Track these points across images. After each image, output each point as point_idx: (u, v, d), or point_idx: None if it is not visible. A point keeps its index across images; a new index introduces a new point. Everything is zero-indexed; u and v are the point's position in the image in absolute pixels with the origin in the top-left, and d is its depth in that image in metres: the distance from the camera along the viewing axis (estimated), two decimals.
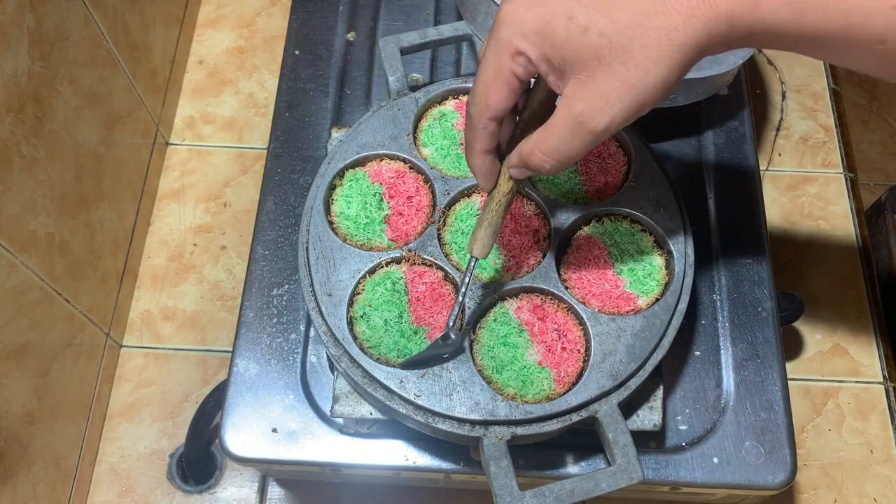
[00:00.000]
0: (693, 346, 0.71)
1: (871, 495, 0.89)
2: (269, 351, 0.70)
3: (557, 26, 0.43)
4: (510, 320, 0.60)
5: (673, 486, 0.68)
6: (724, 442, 0.67)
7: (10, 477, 0.76)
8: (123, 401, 0.95)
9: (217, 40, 1.17)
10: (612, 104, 0.44)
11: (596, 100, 0.44)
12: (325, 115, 0.81)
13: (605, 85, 0.43)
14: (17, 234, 0.74)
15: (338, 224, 0.64)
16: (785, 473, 0.66)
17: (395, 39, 0.71)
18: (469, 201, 0.65)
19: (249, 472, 0.92)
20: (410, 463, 0.67)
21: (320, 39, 0.86)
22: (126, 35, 0.95)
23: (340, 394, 0.63)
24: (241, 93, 1.13)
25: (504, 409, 0.56)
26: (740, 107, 0.82)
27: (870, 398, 0.93)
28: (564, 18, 0.43)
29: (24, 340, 0.76)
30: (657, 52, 0.42)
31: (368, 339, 0.59)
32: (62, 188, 0.82)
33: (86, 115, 0.87)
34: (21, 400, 0.77)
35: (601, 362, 0.58)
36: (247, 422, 0.67)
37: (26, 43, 0.74)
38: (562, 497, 0.54)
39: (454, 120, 0.69)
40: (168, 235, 1.04)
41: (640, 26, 0.42)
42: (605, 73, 0.43)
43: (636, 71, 0.43)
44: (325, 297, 0.60)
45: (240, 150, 1.09)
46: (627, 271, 0.62)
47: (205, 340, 0.98)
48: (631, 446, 0.56)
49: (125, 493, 0.91)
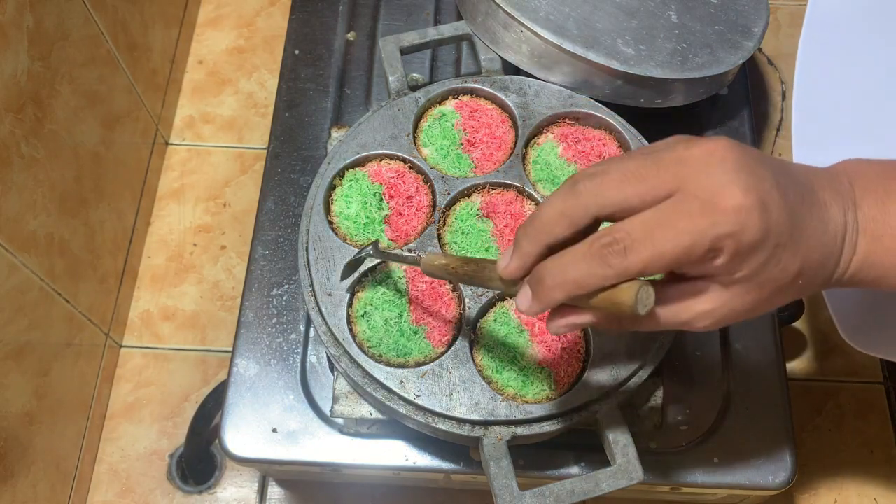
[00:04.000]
0: (693, 346, 0.71)
1: (871, 495, 0.89)
2: (269, 351, 0.70)
3: (766, 248, 0.40)
4: (510, 320, 0.60)
5: (673, 487, 0.68)
6: (724, 442, 0.67)
7: (10, 477, 0.76)
8: (123, 401, 0.95)
9: (217, 40, 1.17)
10: (738, 318, 0.44)
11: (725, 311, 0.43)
12: (325, 115, 0.81)
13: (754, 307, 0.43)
14: (17, 234, 0.74)
15: (338, 224, 0.64)
16: (785, 474, 0.66)
17: (395, 39, 0.71)
18: (469, 201, 0.65)
19: (249, 472, 0.92)
20: (410, 463, 0.67)
21: (320, 39, 0.86)
22: (126, 35, 0.95)
23: (340, 394, 0.63)
24: (241, 93, 1.13)
25: (504, 410, 0.56)
26: (740, 107, 0.82)
27: (870, 398, 0.93)
28: (773, 246, 0.40)
29: (23, 340, 0.76)
30: (791, 299, 0.44)
31: (368, 339, 0.59)
32: (62, 188, 0.82)
33: (85, 114, 0.87)
34: (21, 400, 0.77)
35: (601, 362, 0.58)
36: (247, 422, 0.67)
37: (26, 43, 0.74)
38: (562, 497, 0.54)
39: (454, 120, 0.69)
40: (168, 235, 1.04)
41: (811, 277, 0.43)
42: (761, 302, 0.43)
43: (770, 308, 0.44)
44: (325, 297, 0.60)
45: (240, 150, 1.09)
46: None
47: (205, 340, 0.98)
48: (631, 446, 0.56)
49: (125, 493, 0.91)
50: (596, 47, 0.67)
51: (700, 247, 0.39)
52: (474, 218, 0.64)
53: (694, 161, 0.40)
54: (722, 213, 0.39)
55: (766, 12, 0.76)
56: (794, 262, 0.41)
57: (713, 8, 0.74)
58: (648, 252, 0.39)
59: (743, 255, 0.40)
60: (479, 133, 0.68)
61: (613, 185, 0.41)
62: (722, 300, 0.42)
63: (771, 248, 0.40)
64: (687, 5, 0.73)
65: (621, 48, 0.67)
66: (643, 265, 0.39)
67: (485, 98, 0.70)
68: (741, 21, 0.74)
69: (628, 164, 0.41)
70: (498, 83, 0.69)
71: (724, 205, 0.39)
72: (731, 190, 0.39)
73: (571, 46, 0.66)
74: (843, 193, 0.44)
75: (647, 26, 0.70)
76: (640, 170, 0.40)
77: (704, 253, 0.39)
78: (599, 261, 0.40)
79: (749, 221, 0.39)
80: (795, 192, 0.42)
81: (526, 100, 0.69)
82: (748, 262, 0.40)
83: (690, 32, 0.71)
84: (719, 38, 0.72)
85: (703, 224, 0.39)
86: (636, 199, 0.40)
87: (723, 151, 0.40)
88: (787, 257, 0.41)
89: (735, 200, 0.39)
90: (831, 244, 0.43)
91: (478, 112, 0.69)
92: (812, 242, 0.42)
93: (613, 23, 0.69)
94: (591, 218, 0.41)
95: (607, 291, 0.40)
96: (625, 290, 0.40)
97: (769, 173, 0.40)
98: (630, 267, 0.39)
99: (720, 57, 0.71)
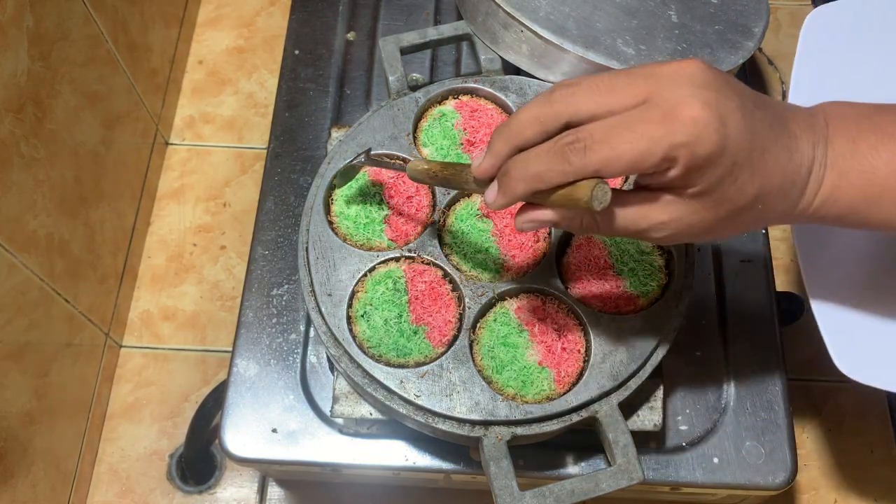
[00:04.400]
0: (693, 346, 0.71)
1: (871, 495, 0.89)
2: (269, 351, 0.70)
3: (721, 164, 0.41)
4: (510, 320, 0.60)
5: (673, 487, 0.68)
6: (724, 442, 0.67)
7: (10, 477, 0.76)
8: (123, 401, 0.95)
9: (217, 40, 1.17)
10: (696, 237, 0.45)
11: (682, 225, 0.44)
12: (325, 115, 0.81)
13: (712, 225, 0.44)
14: (17, 234, 0.74)
15: (338, 224, 0.64)
16: (785, 474, 0.66)
17: (395, 39, 0.71)
18: (469, 201, 0.65)
19: (249, 472, 0.92)
20: (410, 463, 0.67)
21: (320, 39, 0.86)
22: (126, 35, 0.95)
23: (340, 394, 0.63)
24: (241, 93, 1.13)
25: (504, 410, 0.56)
26: None
27: (870, 398, 0.93)
28: (730, 163, 0.41)
29: (23, 340, 0.76)
30: (753, 226, 0.46)
31: (368, 339, 0.59)
32: (62, 188, 0.82)
33: (85, 114, 0.87)
34: (21, 400, 0.77)
35: (601, 362, 0.58)
36: (246, 422, 0.67)
37: (26, 43, 0.74)
38: (562, 497, 0.54)
39: (454, 120, 0.68)
40: (168, 235, 1.04)
41: (771, 204, 0.44)
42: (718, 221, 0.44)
43: (730, 231, 0.45)
44: (325, 297, 0.60)
45: (239, 150, 1.09)
46: (628, 271, 0.62)
47: (204, 340, 0.98)
48: (631, 446, 0.56)
49: (125, 494, 0.91)
50: (596, 47, 0.67)
51: (655, 153, 0.40)
52: (474, 218, 0.64)
53: (664, 76, 0.42)
54: (679, 122, 0.40)
55: (766, 12, 0.76)
56: (751, 183, 0.43)
57: (713, 8, 0.74)
58: (606, 152, 0.41)
59: (697, 168, 0.41)
60: (479, 133, 0.68)
61: (585, 95, 0.43)
62: (678, 213, 0.43)
63: (727, 165, 0.41)
64: (687, 5, 0.73)
65: (621, 48, 0.67)
66: (600, 164, 0.41)
67: (485, 98, 0.70)
68: (741, 21, 0.74)
69: (603, 77, 0.43)
70: (498, 83, 0.69)
71: (682, 115, 0.40)
72: (691, 102, 0.40)
73: (571, 46, 0.66)
74: (817, 129, 0.45)
75: (647, 26, 0.70)
76: (612, 82, 0.43)
77: (660, 160, 0.41)
78: (560, 157, 0.42)
79: (705, 133, 0.40)
80: (763, 118, 0.43)
81: (526, 100, 0.69)
82: (703, 176, 0.41)
83: (690, 32, 0.71)
84: (719, 38, 0.72)
85: (660, 132, 0.40)
86: (604, 109, 0.42)
87: (692, 69, 0.42)
88: (744, 177, 0.42)
89: (693, 112, 0.40)
90: (794, 173, 0.44)
91: (478, 112, 0.69)
92: (773, 168, 0.43)
93: (613, 23, 0.69)
94: (562, 124, 0.43)
95: (566, 188, 0.42)
96: (581, 187, 0.42)
97: (736, 95, 0.42)
98: (588, 165, 0.41)
99: (720, 57, 0.71)
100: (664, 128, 0.40)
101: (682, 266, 0.62)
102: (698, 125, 0.40)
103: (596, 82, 0.43)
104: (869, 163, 0.45)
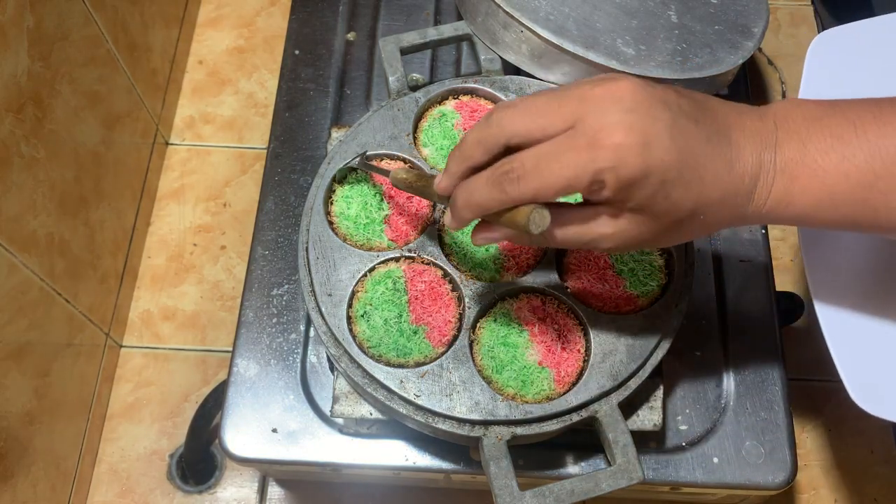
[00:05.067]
0: (693, 346, 0.71)
1: (871, 495, 0.89)
2: (269, 351, 0.70)
3: (649, 184, 0.43)
4: (510, 320, 0.60)
5: (673, 487, 0.68)
6: (724, 442, 0.67)
7: (10, 477, 0.76)
8: (123, 401, 0.95)
9: (217, 40, 1.17)
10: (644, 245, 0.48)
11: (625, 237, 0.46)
12: (325, 115, 0.81)
13: (656, 235, 0.46)
14: (17, 234, 0.74)
15: (338, 224, 0.64)
16: (785, 473, 0.66)
17: (395, 39, 0.71)
18: None
19: (249, 472, 0.92)
20: (410, 463, 0.67)
21: (320, 39, 0.86)
22: (126, 35, 0.95)
23: (340, 394, 0.63)
24: (241, 93, 1.13)
25: (504, 409, 0.56)
26: None
27: None
28: (658, 182, 0.43)
29: (23, 340, 0.76)
30: (701, 233, 0.48)
31: (368, 339, 0.59)
32: (62, 188, 0.82)
33: (85, 114, 0.87)
34: (21, 400, 0.77)
35: (601, 362, 0.58)
36: (247, 422, 0.67)
37: (26, 43, 0.74)
38: (562, 497, 0.54)
39: (454, 120, 0.69)
40: (168, 235, 1.04)
41: (714, 213, 0.46)
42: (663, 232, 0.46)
43: (678, 240, 0.47)
44: (325, 297, 0.60)
45: (240, 150, 1.09)
46: (628, 271, 0.62)
47: (205, 340, 0.98)
48: (631, 446, 0.56)
49: (125, 494, 0.91)
50: (596, 47, 0.67)
51: (581, 180, 0.43)
52: None
53: (594, 99, 0.43)
54: (602, 149, 0.42)
55: (766, 12, 0.76)
56: (686, 197, 0.44)
57: (713, 8, 0.74)
58: (537, 182, 0.43)
59: (625, 189, 0.43)
60: None
61: (519, 118, 0.45)
62: (619, 226, 0.45)
63: (655, 184, 0.43)
64: (687, 5, 0.73)
65: (621, 48, 0.68)
66: (533, 193, 0.44)
67: (485, 98, 0.70)
68: (741, 21, 0.74)
69: (538, 100, 0.45)
70: (498, 83, 0.69)
71: (605, 142, 0.42)
72: (615, 128, 0.42)
73: (571, 46, 0.66)
74: (765, 135, 0.46)
75: (647, 26, 0.70)
76: (545, 105, 0.44)
77: (588, 185, 0.43)
78: (497, 188, 0.45)
79: (628, 157, 0.42)
80: (698, 132, 0.44)
81: None
82: (633, 195, 0.43)
83: (690, 32, 0.71)
84: (719, 38, 0.72)
85: (584, 159, 0.42)
86: (538, 132, 0.44)
87: (622, 92, 0.43)
88: (677, 192, 0.44)
89: (615, 139, 0.42)
90: (736, 183, 0.45)
91: (478, 112, 0.69)
92: (711, 180, 0.44)
93: (613, 23, 0.69)
94: (502, 146, 0.45)
95: (510, 212, 0.45)
96: (521, 213, 0.45)
97: (667, 115, 0.43)
98: (523, 193, 0.44)
99: (720, 57, 0.71)
100: (588, 154, 0.42)
101: (682, 266, 0.62)
102: (620, 150, 0.42)
103: (528, 105, 0.45)
104: (819, 166, 0.45)
